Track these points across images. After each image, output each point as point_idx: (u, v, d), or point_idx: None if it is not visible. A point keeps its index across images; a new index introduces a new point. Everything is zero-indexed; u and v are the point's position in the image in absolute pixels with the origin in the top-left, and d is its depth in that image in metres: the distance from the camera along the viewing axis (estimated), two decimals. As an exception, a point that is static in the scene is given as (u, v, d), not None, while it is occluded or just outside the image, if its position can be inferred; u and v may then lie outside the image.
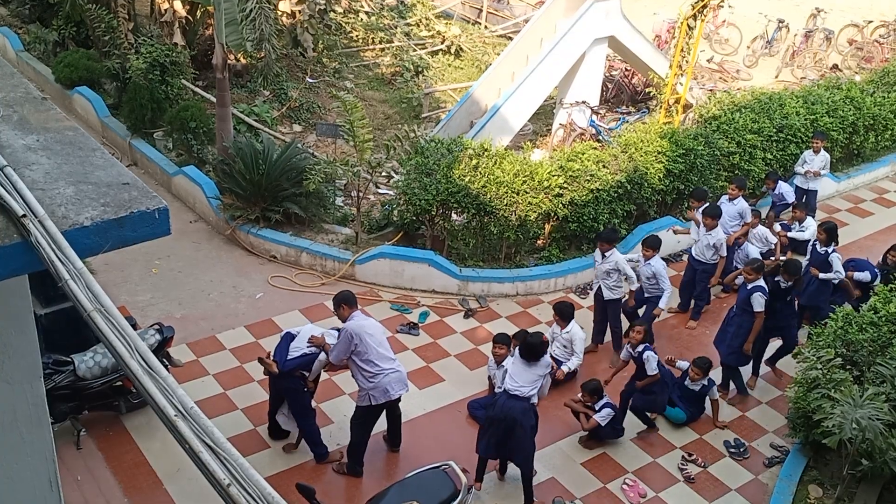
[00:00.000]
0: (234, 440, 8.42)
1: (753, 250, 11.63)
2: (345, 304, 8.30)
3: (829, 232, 10.69)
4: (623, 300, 10.59)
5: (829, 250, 10.63)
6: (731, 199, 11.85)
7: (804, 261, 10.81)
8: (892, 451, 7.54)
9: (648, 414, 9.57)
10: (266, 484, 2.52)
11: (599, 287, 10.44)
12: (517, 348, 8.30)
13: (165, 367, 6.82)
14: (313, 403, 8.82)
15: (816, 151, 13.46)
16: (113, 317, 2.84)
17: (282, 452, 8.87)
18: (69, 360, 8.40)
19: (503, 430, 8.12)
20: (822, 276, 10.55)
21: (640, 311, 10.81)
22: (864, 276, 10.84)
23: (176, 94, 14.15)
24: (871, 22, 22.18)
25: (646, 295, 10.59)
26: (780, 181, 13.24)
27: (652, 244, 10.43)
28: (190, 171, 13.07)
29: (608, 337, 10.85)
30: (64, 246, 3.00)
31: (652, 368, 9.14)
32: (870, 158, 16.10)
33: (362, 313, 8.43)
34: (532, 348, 8.08)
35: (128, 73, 14.21)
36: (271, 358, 8.46)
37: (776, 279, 9.87)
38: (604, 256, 10.27)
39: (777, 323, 9.99)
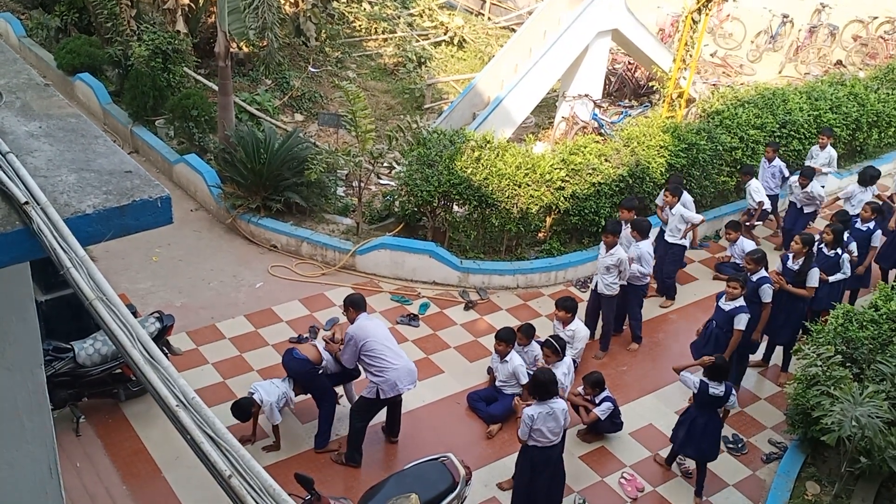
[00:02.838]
0: (232, 429, 8.42)
1: (749, 244, 11.60)
2: (352, 307, 8.49)
3: (837, 234, 10.66)
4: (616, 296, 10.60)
5: (839, 251, 10.61)
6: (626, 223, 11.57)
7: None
8: (891, 449, 7.55)
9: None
10: (267, 475, 2.52)
11: (597, 281, 10.46)
12: (531, 391, 7.96)
13: (165, 355, 6.82)
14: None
15: (822, 147, 13.41)
16: (115, 306, 2.83)
17: (281, 441, 8.86)
18: (69, 346, 8.40)
19: (553, 471, 8.11)
20: (831, 279, 10.51)
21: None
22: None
23: (178, 81, 14.12)
24: (875, 18, 22.11)
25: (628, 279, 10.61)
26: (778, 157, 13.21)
27: (639, 228, 10.47)
28: (191, 159, 13.05)
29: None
30: (66, 234, 2.99)
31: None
32: (873, 155, 16.06)
33: (367, 315, 8.53)
34: (541, 385, 7.73)
35: (130, 60, 14.19)
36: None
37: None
38: (607, 250, 10.26)
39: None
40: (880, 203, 11.90)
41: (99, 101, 14.82)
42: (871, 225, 11.24)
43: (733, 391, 8.45)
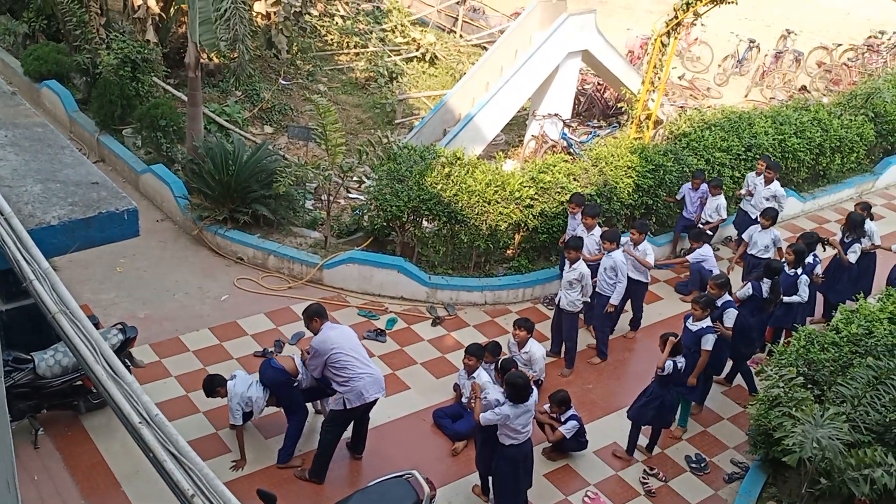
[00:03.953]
0: (194, 444, 8.32)
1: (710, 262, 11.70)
2: (316, 317, 8.38)
3: (798, 254, 10.80)
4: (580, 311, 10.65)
5: (798, 272, 10.75)
6: (590, 231, 11.27)
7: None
8: (851, 470, 7.63)
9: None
10: (231, 495, 2.49)
11: (560, 297, 10.52)
12: (506, 390, 7.99)
13: (127, 367, 6.73)
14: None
15: (759, 174, 13.23)
16: (78, 320, 2.79)
17: (245, 456, 8.78)
18: (29, 357, 8.25)
19: (515, 475, 8.16)
20: (786, 299, 10.62)
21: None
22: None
23: (147, 91, 14.00)
24: (839, 45, 22.61)
25: (596, 289, 10.66)
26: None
27: (611, 237, 10.50)
28: (158, 169, 12.93)
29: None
30: (30, 245, 2.94)
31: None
32: (835, 180, 16.36)
33: (331, 323, 8.47)
34: (519, 389, 7.85)
35: (98, 68, 14.05)
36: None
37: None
38: (570, 265, 10.31)
39: None
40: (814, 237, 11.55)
41: (65, 109, 14.65)
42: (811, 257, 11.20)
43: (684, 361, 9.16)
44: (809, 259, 11.03)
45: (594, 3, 23.58)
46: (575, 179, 12.35)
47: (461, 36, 21.88)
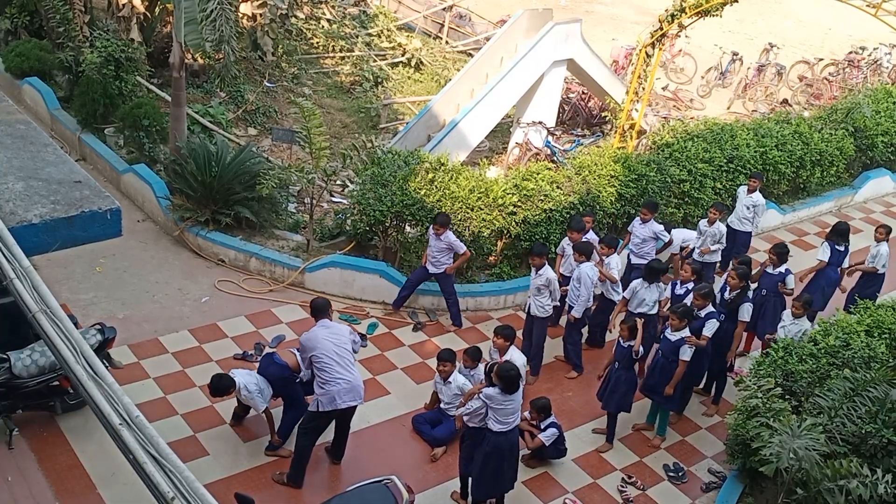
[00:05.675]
0: (173, 445, 8.25)
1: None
2: (311, 313, 8.58)
3: (780, 255, 10.98)
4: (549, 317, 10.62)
5: (784, 271, 10.96)
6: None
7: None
8: (827, 481, 7.68)
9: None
10: (211, 498, 2.47)
11: (529, 304, 10.53)
12: (498, 383, 7.98)
13: (105, 368, 6.64)
14: None
15: (711, 223, 12.25)
16: (59, 319, 2.77)
17: (221, 460, 8.72)
18: (5, 357, 8.15)
19: (500, 462, 8.19)
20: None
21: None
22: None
23: (130, 90, 13.91)
24: (821, 60, 22.84)
25: (567, 301, 10.72)
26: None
27: (582, 250, 10.53)
28: (140, 169, 12.85)
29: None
30: (10, 243, 2.92)
31: None
32: (815, 193, 16.50)
33: (328, 321, 8.50)
34: (512, 380, 7.93)
35: (81, 66, 13.95)
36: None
37: None
38: (536, 272, 10.33)
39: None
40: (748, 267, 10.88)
41: (47, 107, 14.53)
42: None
43: None
44: (782, 268, 11.11)
45: (580, 12, 23.80)
46: (558, 187, 12.39)
47: (447, 42, 21.91)
